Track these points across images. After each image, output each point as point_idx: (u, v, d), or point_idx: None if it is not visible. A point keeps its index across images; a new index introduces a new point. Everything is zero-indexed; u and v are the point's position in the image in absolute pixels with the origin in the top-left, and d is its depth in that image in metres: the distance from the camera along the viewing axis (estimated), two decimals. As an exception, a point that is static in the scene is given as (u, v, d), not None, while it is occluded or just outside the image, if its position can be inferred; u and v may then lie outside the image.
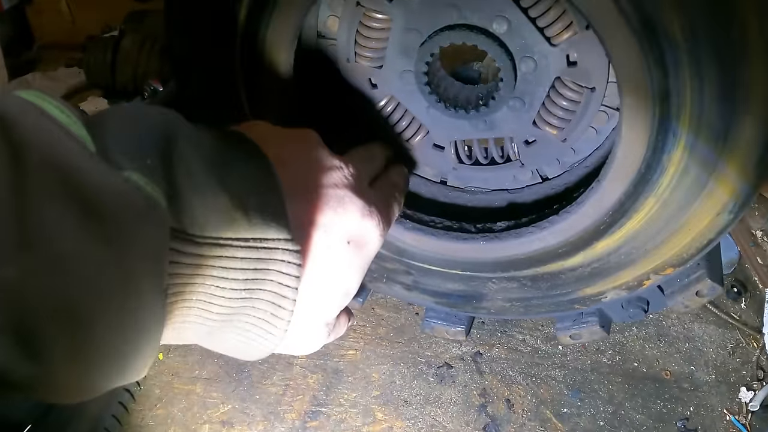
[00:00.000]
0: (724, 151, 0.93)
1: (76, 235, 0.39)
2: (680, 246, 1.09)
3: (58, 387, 0.41)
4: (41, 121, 0.43)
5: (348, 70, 1.23)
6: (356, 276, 0.71)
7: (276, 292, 0.56)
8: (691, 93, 0.88)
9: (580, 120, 1.16)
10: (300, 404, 1.33)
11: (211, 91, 1.15)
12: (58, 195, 0.39)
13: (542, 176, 1.28)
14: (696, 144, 0.93)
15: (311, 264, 0.64)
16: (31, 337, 0.37)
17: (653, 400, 1.50)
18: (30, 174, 0.38)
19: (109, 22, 2.28)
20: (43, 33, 2.52)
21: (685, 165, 0.96)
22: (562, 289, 1.23)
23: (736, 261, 1.90)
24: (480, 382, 1.43)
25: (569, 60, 1.08)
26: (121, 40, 2.05)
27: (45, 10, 2.48)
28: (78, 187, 0.40)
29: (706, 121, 0.90)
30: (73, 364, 0.40)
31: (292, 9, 0.99)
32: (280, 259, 0.56)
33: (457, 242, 1.21)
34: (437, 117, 1.22)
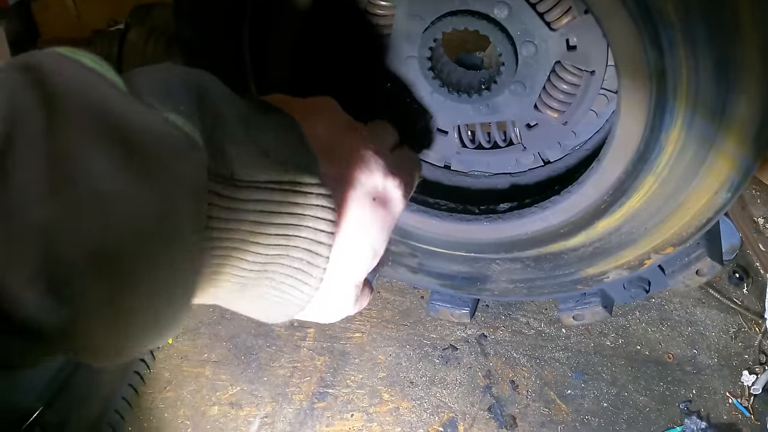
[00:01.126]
0: (721, 129, 0.96)
1: (115, 174, 0.37)
2: (680, 225, 1.12)
3: (93, 341, 0.39)
4: (76, 69, 0.43)
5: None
6: (383, 233, 0.71)
7: (312, 239, 0.56)
8: (687, 72, 0.91)
9: (581, 103, 1.19)
10: (308, 386, 1.38)
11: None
12: (93, 133, 0.37)
13: (544, 159, 1.32)
14: (693, 122, 0.96)
15: (341, 218, 0.64)
16: (65, 284, 0.34)
17: (656, 383, 1.54)
18: (63, 114, 0.36)
19: (115, 16, 2.32)
20: (49, 28, 2.57)
21: (683, 143, 0.99)
22: (564, 270, 1.27)
23: (738, 247, 1.92)
24: (485, 364, 1.47)
25: (569, 44, 1.11)
26: (127, 33, 2.09)
27: (50, 5, 2.53)
28: (115, 126, 0.39)
29: (702, 99, 0.93)
30: (110, 313, 0.38)
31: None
32: (315, 203, 0.55)
33: (461, 223, 1.25)
34: (440, 102, 1.26)
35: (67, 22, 2.52)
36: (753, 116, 0.92)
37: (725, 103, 0.93)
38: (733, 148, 0.98)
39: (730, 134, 0.96)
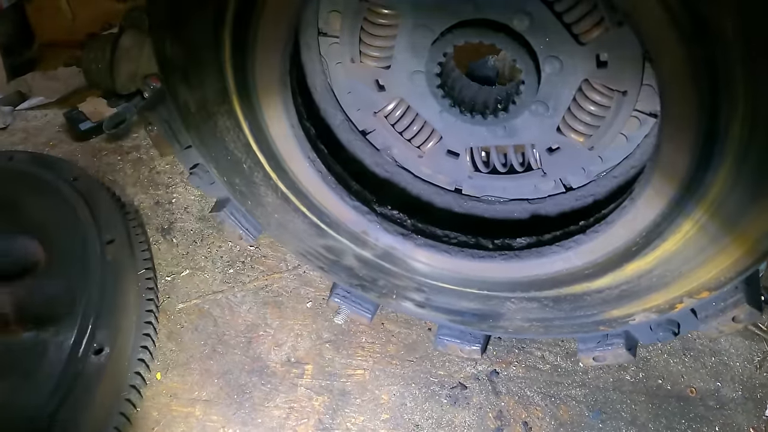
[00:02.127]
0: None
1: None
2: (718, 270, 0.96)
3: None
4: None
5: (352, 71, 1.10)
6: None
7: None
8: (743, 104, 0.74)
9: (610, 126, 1.03)
10: (305, 429, 1.23)
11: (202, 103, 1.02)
12: None
13: (566, 186, 1.15)
14: (744, 161, 0.79)
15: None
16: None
17: (678, 420, 1.39)
18: None
19: (110, 19, 2.16)
20: (44, 31, 2.41)
21: (731, 184, 0.83)
22: (586, 311, 1.11)
23: (764, 269, 1.76)
24: (496, 404, 1.31)
25: (599, 60, 0.96)
26: (119, 38, 1.92)
27: (45, 8, 2.37)
28: None
29: (757, 136, 0.77)
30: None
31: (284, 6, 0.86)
32: None
33: (473, 260, 1.08)
34: (451, 122, 1.09)
35: (62, 25, 2.35)
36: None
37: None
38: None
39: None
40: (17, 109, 2.08)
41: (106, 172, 1.77)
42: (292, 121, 0.98)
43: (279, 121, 0.99)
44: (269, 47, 0.90)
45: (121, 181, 1.76)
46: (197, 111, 1.06)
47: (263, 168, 1.09)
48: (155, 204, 1.69)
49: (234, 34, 0.90)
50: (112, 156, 1.85)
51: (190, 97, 1.05)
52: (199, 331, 1.39)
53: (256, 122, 1.01)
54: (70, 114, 1.95)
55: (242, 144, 1.06)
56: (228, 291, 1.47)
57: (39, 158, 1.74)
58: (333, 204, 1.09)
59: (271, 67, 0.92)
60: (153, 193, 1.71)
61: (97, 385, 1.23)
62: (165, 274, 1.50)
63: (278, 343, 1.37)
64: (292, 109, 0.97)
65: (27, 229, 1.45)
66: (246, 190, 1.17)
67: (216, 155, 1.14)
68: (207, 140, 1.11)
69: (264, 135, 1.03)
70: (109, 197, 1.54)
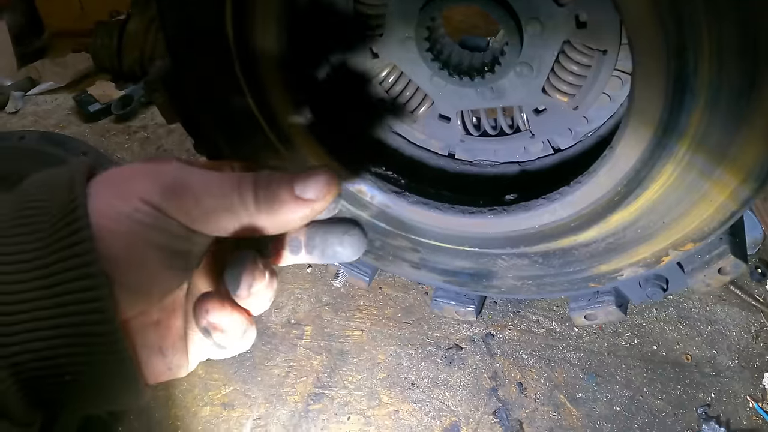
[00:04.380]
0: (750, 110, 0.85)
1: None
2: (702, 218, 1.02)
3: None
4: None
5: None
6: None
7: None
8: (709, 47, 0.81)
9: (592, 86, 1.10)
10: (303, 386, 1.30)
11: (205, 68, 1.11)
12: None
13: (554, 147, 1.22)
14: (717, 102, 0.86)
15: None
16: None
17: (673, 386, 1.44)
18: None
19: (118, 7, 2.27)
20: (53, 20, 2.53)
21: (706, 126, 0.89)
22: (575, 266, 1.18)
23: (761, 241, 1.81)
24: (491, 365, 1.38)
25: (578, 21, 1.02)
26: (126, 24, 2.03)
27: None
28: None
29: (726, 77, 0.83)
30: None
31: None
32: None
33: (464, 216, 1.16)
34: (441, 86, 1.17)
35: (71, 13, 2.47)
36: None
37: (753, 81, 0.82)
38: (762, 131, 0.87)
39: (758, 116, 0.86)
40: (27, 94, 2.19)
41: (115, 150, 1.87)
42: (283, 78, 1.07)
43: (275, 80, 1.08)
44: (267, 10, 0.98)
45: (129, 158, 1.86)
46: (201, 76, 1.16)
47: (263, 130, 1.18)
48: (162, 180, 1.79)
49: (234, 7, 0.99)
50: (120, 136, 1.95)
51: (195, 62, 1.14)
52: (202, 296, 1.48)
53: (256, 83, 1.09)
54: (80, 97, 2.06)
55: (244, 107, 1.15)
56: (231, 258, 1.56)
57: (48, 136, 1.84)
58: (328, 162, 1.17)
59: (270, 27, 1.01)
60: (159, 170, 1.82)
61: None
62: None
63: (278, 305, 1.46)
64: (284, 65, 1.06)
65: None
66: (246, 151, 1.26)
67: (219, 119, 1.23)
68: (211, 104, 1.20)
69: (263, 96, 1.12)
70: (116, 171, 1.65)
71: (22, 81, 2.24)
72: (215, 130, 1.25)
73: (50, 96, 2.20)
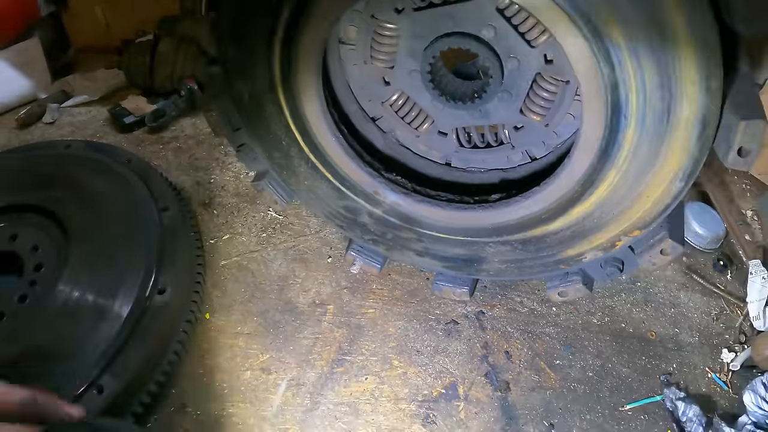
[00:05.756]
0: (669, 129, 1.23)
1: None
2: (643, 211, 1.40)
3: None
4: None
5: (365, 71, 1.59)
6: None
7: None
8: (635, 83, 1.19)
9: (559, 108, 1.49)
10: (328, 353, 1.68)
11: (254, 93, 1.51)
12: None
13: (531, 156, 1.62)
14: (644, 124, 1.25)
15: None
16: None
17: (638, 357, 1.77)
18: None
19: (143, 26, 2.66)
20: (79, 37, 2.90)
21: (638, 141, 1.27)
22: (547, 251, 1.57)
23: (723, 237, 2.18)
24: (482, 337, 1.76)
25: (546, 58, 1.41)
26: (157, 45, 2.43)
27: (80, 15, 2.86)
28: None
29: (650, 105, 1.22)
30: None
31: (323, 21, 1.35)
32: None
33: (459, 212, 1.56)
34: (440, 108, 1.57)
35: (97, 31, 2.86)
36: (695, 116, 1.19)
37: (669, 107, 1.22)
38: (681, 144, 1.25)
39: (677, 132, 1.24)
40: (62, 106, 2.57)
41: (151, 158, 2.25)
42: (322, 107, 1.47)
43: (312, 107, 1.47)
44: (308, 52, 1.37)
45: (164, 165, 2.23)
46: (249, 99, 1.55)
47: (298, 144, 1.57)
48: (196, 184, 2.17)
49: (283, 42, 1.38)
50: (154, 145, 2.34)
51: (245, 88, 1.53)
52: (239, 281, 1.85)
53: (295, 108, 1.48)
54: (114, 110, 2.44)
55: (283, 125, 1.55)
56: (262, 250, 1.94)
57: (93, 145, 2.19)
58: (352, 170, 1.56)
59: (308, 67, 1.40)
60: (194, 175, 2.20)
61: (161, 318, 1.69)
62: (208, 238, 1.96)
63: (305, 289, 1.83)
64: (322, 98, 1.46)
65: (95, 203, 1.92)
66: (283, 162, 1.66)
67: (261, 135, 1.62)
68: (254, 123, 1.60)
69: (300, 118, 1.51)
70: (159, 175, 2.03)
71: (56, 94, 2.60)
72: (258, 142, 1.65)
73: (84, 108, 2.57)
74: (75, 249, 1.75)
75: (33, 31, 2.70)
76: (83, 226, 1.82)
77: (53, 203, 1.87)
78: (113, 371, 1.56)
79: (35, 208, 1.89)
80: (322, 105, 1.45)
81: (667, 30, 1.11)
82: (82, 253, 1.75)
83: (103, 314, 1.62)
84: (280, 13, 1.33)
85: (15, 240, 1.84)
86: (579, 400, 1.65)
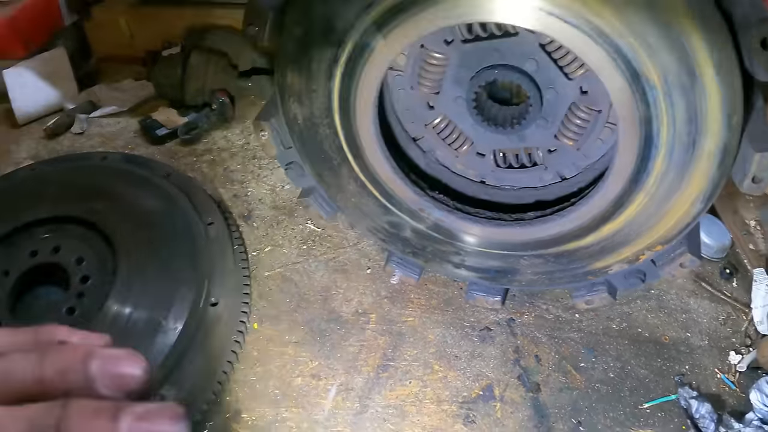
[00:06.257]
0: (693, 158, 1.42)
1: None
2: (666, 228, 1.59)
3: None
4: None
5: (410, 95, 1.76)
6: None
7: None
8: (667, 119, 1.37)
9: (590, 133, 1.67)
10: (373, 360, 1.84)
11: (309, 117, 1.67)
12: None
13: (561, 176, 1.80)
14: (672, 154, 1.43)
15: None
16: None
17: (654, 359, 1.95)
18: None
19: (169, 38, 2.78)
20: (102, 47, 3.01)
21: (665, 169, 1.44)
22: (578, 264, 1.75)
23: (729, 247, 2.38)
24: (513, 342, 1.94)
25: (582, 90, 1.59)
26: (189, 58, 2.56)
27: (103, 24, 2.96)
28: None
29: (678, 138, 1.40)
30: None
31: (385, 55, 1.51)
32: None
33: (497, 228, 1.73)
34: (480, 132, 1.74)
35: (120, 41, 2.97)
36: (717, 148, 1.39)
37: (695, 140, 1.40)
38: (703, 171, 1.44)
39: (700, 162, 1.43)
40: (90, 116, 2.69)
41: (186, 171, 2.38)
42: (376, 131, 1.63)
43: (367, 130, 1.63)
44: (367, 82, 1.54)
45: (200, 178, 2.36)
46: (303, 122, 1.71)
47: (349, 163, 1.73)
48: (233, 197, 2.31)
49: (344, 72, 1.54)
50: (188, 158, 2.47)
51: (300, 112, 1.69)
52: (284, 292, 2.00)
53: (350, 131, 1.64)
54: (145, 122, 2.57)
55: (336, 146, 1.71)
56: (304, 262, 2.09)
57: (131, 158, 2.31)
58: (399, 188, 1.72)
59: (366, 94, 1.57)
60: (230, 188, 2.34)
61: (215, 330, 1.84)
62: (251, 250, 2.10)
63: (348, 299, 1.99)
64: (377, 123, 1.62)
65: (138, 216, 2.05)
66: (332, 180, 1.81)
67: (312, 154, 1.78)
68: (307, 143, 1.75)
69: (354, 140, 1.66)
70: (200, 189, 2.17)
71: (83, 104, 2.70)
72: (308, 161, 1.81)
73: (113, 119, 2.67)
74: (122, 262, 1.85)
75: (57, 41, 2.81)
76: (129, 239, 1.91)
77: (95, 215, 1.96)
78: (172, 382, 1.69)
79: (77, 220, 1.98)
80: (376, 129, 1.61)
81: (697, 77, 1.30)
82: (130, 266, 1.85)
83: (158, 327, 1.72)
84: (343, 45, 1.49)
85: (58, 252, 1.93)
86: (603, 399, 1.84)
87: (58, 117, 2.67)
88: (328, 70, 1.55)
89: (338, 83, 1.56)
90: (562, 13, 1.29)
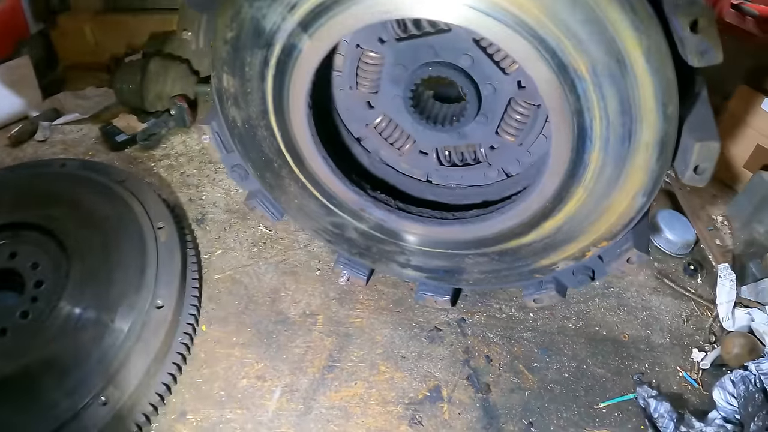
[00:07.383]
0: (630, 151, 1.36)
1: None
2: (609, 224, 1.54)
3: None
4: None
5: (350, 95, 1.72)
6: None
7: None
8: (599, 110, 1.32)
9: (531, 129, 1.63)
10: (319, 361, 1.79)
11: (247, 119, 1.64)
12: None
13: (507, 173, 1.77)
14: (608, 146, 1.38)
15: None
16: None
17: (612, 358, 1.90)
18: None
19: (132, 45, 2.76)
20: (67, 54, 2.99)
21: (602, 162, 1.40)
22: (523, 261, 1.71)
23: (693, 243, 2.34)
24: (464, 342, 1.89)
25: (520, 84, 1.54)
26: (148, 65, 2.54)
27: (69, 32, 2.94)
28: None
29: (613, 130, 1.34)
30: None
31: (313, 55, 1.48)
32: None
33: (440, 227, 1.69)
34: (421, 130, 1.70)
35: (85, 49, 2.94)
36: (654, 139, 1.33)
37: (631, 131, 1.34)
38: (642, 164, 1.38)
39: (637, 154, 1.38)
40: (54, 124, 2.67)
41: (143, 176, 2.34)
42: (311, 131, 1.60)
43: (302, 130, 1.61)
44: (298, 82, 1.50)
45: (157, 182, 2.33)
46: (242, 125, 1.67)
47: (289, 165, 1.69)
48: (189, 200, 2.27)
49: (275, 73, 1.50)
50: (146, 163, 2.44)
51: (238, 115, 1.65)
52: (233, 294, 1.95)
53: (286, 132, 1.61)
54: (106, 128, 2.54)
55: (275, 148, 1.67)
56: (254, 264, 2.05)
57: (88, 164, 2.27)
58: (339, 189, 1.68)
59: (299, 94, 1.54)
60: (186, 192, 2.30)
61: (160, 331, 1.80)
62: (203, 253, 2.06)
63: (296, 301, 1.94)
64: (312, 123, 1.59)
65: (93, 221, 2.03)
66: (274, 182, 1.78)
67: (253, 157, 1.75)
68: (247, 146, 1.72)
69: (291, 141, 1.63)
70: (153, 194, 2.14)
71: (47, 111, 2.67)
72: (250, 164, 1.78)
73: (75, 126, 2.63)
74: (75, 266, 1.84)
75: (22, 49, 2.79)
76: (82, 244, 1.90)
77: (52, 221, 1.94)
78: (116, 383, 1.67)
79: (34, 226, 1.96)
80: (312, 129, 1.58)
81: (627, 66, 1.25)
82: (82, 270, 1.84)
83: (105, 329, 1.71)
84: (272, 47, 1.46)
85: (14, 258, 1.91)
86: (556, 400, 1.79)
87: (21, 125, 2.64)
88: (260, 72, 1.51)
89: (271, 85, 1.52)
90: (484, 6, 1.26)
